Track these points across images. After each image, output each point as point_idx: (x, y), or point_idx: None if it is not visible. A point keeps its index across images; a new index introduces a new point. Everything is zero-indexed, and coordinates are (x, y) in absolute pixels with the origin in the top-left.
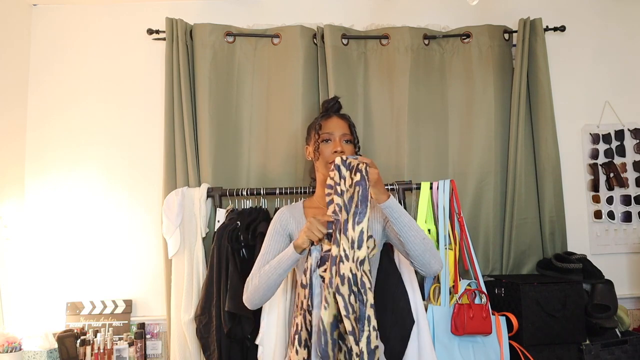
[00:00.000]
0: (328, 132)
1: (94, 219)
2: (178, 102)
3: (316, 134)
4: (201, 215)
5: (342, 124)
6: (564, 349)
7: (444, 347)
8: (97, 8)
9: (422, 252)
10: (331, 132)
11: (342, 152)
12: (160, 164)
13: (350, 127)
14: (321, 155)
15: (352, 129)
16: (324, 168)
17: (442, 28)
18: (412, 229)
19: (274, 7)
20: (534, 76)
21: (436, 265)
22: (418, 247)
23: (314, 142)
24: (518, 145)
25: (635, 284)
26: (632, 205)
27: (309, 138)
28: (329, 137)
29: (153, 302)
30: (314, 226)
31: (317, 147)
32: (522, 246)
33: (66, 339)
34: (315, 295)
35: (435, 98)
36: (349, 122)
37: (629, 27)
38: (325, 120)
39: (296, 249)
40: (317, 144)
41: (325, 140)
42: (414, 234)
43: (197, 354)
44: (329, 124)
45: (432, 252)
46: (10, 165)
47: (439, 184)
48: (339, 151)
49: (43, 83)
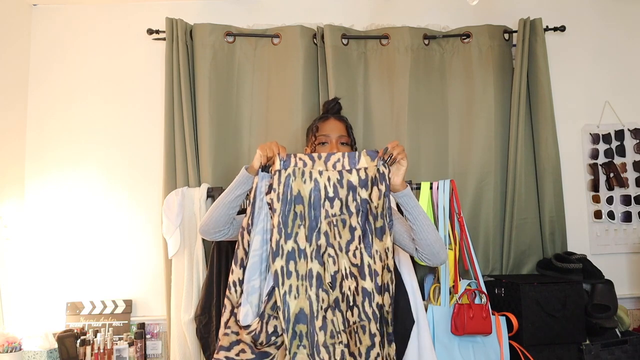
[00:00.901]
0: (324, 135)
1: (94, 219)
2: (178, 102)
3: (313, 136)
4: (201, 215)
5: (339, 126)
6: (564, 349)
7: (444, 347)
8: (97, 8)
9: (433, 241)
10: (327, 134)
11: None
12: (160, 164)
13: (348, 128)
14: None
15: (349, 130)
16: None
17: (442, 28)
18: (425, 218)
19: (274, 7)
20: (534, 76)
21: (444, 256)
22: (430, 236)
23: (311, 144)
24: (518, 145)
25: (635, 284)
26: (632, 205)
27: (307, 140)
28: (326, 140)
29: (153, 302)
30: (271, 144)
31: (314, 150)
32: (522, 246)
33: (66, 339)
34: (259, 220)
35: (435, 98)
36: (346, 123)
37: (629, 27)
38: (323, 122)
39: (249, 169)
40: (314, 146)
41: (321, 143)
42: (427, 222)
43: (197, 354)
44: (326, 126)
45: (441, 243)
46: (10, 165)
47: (439, 184)
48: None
49: (43, 83)
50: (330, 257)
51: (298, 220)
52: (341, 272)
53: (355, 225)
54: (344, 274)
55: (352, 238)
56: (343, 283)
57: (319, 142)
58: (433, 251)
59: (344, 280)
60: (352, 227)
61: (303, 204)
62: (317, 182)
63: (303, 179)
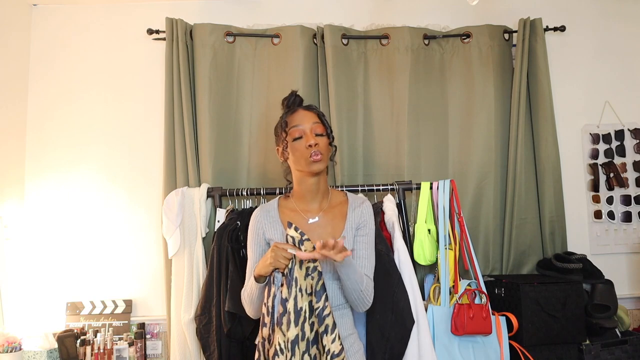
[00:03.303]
0: (295, 126)
1: (93, 219)
2: (178, 102)
3: (283, 132)
4: (201, 215)
5: (310, 114)
6: (564, 349)
7: (444, 347)
8: (97, 8)
9: (352, 300)
10: (298, 124)
11: (316, 145)
12: (160, 164)
13: (320, 116)
14: (295, 153)
15: (322, 118)
16: (299, 165)
17: (442, 28)
18: (355, 283)
19: (274, 7)
20: (534, 76)
21: (363, 309)
22: (351, 297)
23: (281, 142)
24: (518, 145)
25: (635, 284)
26: (632, 205)
27: (277, 139)
28: (299, 134)
29: (153, 302)
30: (279, 255)
31: (286, 147)
32: (522, 246)
33: (66, 339)
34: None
35: (435, 98)
36: (317, 111)
37: (629, 27)
38: (291, 115)
39: (258, 279)
40: (286, 142)
41: (295, 138)
42: (355, 287)
43: (197, 354)
44: (295, 118)
45: (364, 301)
46: (10, 165)
47: (439, 184)
48: (313, 144)
49: (43, 83)
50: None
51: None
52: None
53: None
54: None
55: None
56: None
57: (292, 137)
58: (353, 305)
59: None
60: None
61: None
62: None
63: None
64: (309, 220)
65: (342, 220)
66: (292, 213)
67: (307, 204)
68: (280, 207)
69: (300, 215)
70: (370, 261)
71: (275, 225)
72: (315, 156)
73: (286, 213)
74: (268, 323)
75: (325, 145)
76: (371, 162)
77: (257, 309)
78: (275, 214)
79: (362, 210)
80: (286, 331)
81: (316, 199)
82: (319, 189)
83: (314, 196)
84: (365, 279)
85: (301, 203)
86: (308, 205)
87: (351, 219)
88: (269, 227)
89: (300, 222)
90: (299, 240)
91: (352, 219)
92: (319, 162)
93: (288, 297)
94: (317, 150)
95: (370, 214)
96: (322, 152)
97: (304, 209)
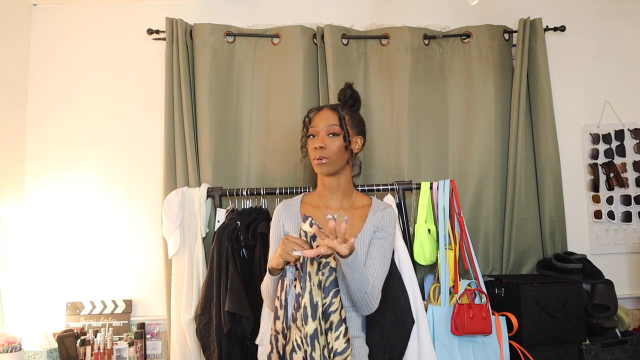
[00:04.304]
0: (313, 126)
1: (93, 219)
2: (178, 102)
3: (305, 128)
4: (201, 215)
5: (330, 115)
6: (564, 349)
7: (444, 347)
8: (97, 8)
9: (356, 301)
10: (315, 124)
11: (322, 148)
12: (160, 164)
13: (340, 119)
14: (308, 152)
15: (342, 120)
16: (312, 163)
17: (442, 28)
18: (359, 284)
19: (274, 7)
20: (534, 76)
21: (367, 312)
22: (355, 298)
23: (302, 137)
24: (518, 145)
25: (635, 284)
26: (632, 205)
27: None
28: (314, 132)
29: (153, 302)
30: (288, 247)
31: (304, 144)
32: (522, 246)
33: (66, 339)
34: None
35: (435, 98)
36: (340, 113)
37: (629, 27)
38: (315, 114)
39: (272, 272)
40: (304, 139)
41: (310, 135)
42: (359, 288)
43: (197, 354)
44: (316, 117)
45: (367, 304)
46: (10, 165)
47: (439, 184)
48: (319, 147)
49: (43, 83)
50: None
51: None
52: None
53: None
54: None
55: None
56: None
57: (309, 134)
58: (357, 306)
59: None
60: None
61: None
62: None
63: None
64: (327, 215)
65: (362, 222)
66: (314, 209)
67: (327, 201)
68: (303, 203)
69: (321, 210)
70: (382, 266)
71: (295, 219)
72: (319, 160)
73: (307, 208)
74: (282, 316)
75: (338, 147)
76: (371, 162)
77: (274, 301)
78: (297, 208)
79: (384, 214)
80: (302, 326)
81: (335, 197)
82: (338, 188)
83: (333, 194)
84: (372, 282)
85: (321, 199)
86: (328, 202)
87: (370, 221)
88: (289, 221)
89: (319, 218)
90: (311, 235)
91: (371, 221)
92: (322, 165)
93: (302, 292)
94: (321, 155)
95: (391, 219)
96: (327, 155)
97: (325, 205)
